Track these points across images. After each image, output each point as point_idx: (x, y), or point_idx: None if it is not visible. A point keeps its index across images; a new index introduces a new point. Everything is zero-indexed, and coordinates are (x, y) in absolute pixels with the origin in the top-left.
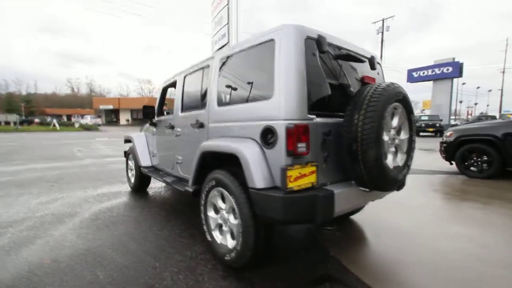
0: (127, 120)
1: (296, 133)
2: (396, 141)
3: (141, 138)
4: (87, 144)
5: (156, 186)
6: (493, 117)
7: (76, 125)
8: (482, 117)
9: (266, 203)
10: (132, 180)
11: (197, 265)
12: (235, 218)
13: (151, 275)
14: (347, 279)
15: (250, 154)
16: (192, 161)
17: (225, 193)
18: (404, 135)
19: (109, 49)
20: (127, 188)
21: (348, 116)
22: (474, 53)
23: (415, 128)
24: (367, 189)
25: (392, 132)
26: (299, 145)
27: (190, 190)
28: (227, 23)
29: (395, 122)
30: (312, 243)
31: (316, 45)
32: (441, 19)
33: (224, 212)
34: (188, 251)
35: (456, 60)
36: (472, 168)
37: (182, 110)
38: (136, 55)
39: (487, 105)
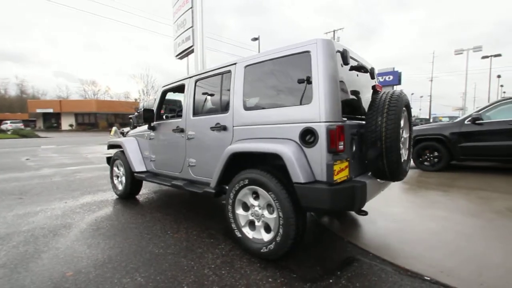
0: (71, 125)
1: (337, 133)
2: (402, 139)
3: (132, 142)
4: (34, 153)
5: (142, 192)
6: (427, 120)
7: (9, 132)
8: (416, 120)
9: (313, 195)
10: (120, 187)
11: (232, 261)
12: (270, 213)
13: (194, 274)
14: (369, 258)
15: (293, 153)
16: (212, 162)
17: (260, 190)
18: (406, 134)
19: (44, 46)
20: (112, 196)
21: (371, 119)
22: (409, 63)
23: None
24: (382, 180)
25: (400, 131)
26: (339, 143)
27: (212, 191)
28: (192, 26)
29: (402, 123)
30: (325, 232)
31: (341, 57)
32: (382, 33)
33: (256, 208)
34: (216, 249)
35: (395, 69)
36: (425, 163)
37: (194, 114)
38: (77, 54)
39: (420, 109)
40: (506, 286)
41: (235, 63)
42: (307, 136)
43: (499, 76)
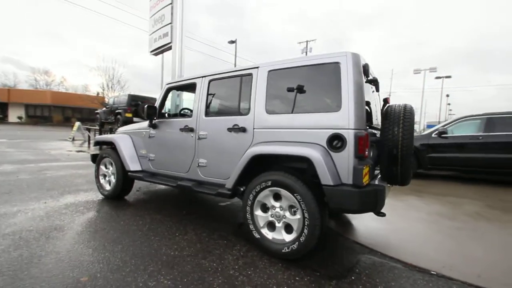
0: (20, 118)
1: (365, 140)
2: None
3: (125, 140)
4: None
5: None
6: None
7: None
8: None
9: (343, 197)
10: (108, 187)
11: (254, 261)
12: (292, 214)
13: (222, 275)
14: (378, 256)
15: (322, 157)
16: (226, 163)
17: (283, 192)
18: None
19: None
20: (97, 196)
21: (388, 129)
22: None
23: None
24: (390, 185)
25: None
26: (366, 149)
27: (228, 192)
28: (171, 23)
29: None
30: (329, 232)
31: (363, 70)
32: (349, 47)
33: (278, 209)
34: (233, 250)
35: None
36: None
37: (207, 114)
38: (29, 40)
39: None
40: (498, 276)
41: (257, 67)
42: (335, 142)
43: (447, 95)
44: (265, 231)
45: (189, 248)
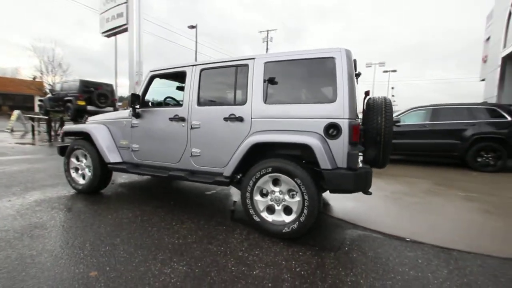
0: None
1: (358, 128)
2: None
3: (102, 130)
4: None
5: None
6: None
7: None
8: None
9: (340, 179)
10: (81, 181)
11: (257, 243)
12: (291, 197)
13: (232, 257)
14: (362, 230)
15: (321, 144)
16: (222, 152)
17: (283, 177)
18: None
19: None
20: (69, 191)
21: (372, 118)
22: None
23: None
24: (371, 168)
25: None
26: (358, 137)
27: (226, 180)
28: (126, 2)
29: None
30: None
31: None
32: (306, 39)
33: (277, 194)
34: (234, 234)
35: None
36: None
37: (200, 103)
38: None
39: None
40: (458, 239)
41: (253, 58)
42: (330, 130)
43: (393, 88)
44: (265, 215)
45: (191, 236)
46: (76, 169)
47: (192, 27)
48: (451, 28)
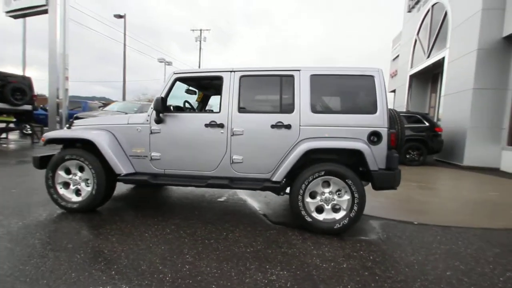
0: None
1: (394, 135)
2: None
3: (106, 137)
4: None
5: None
6: None
7: None
8: None
9: (385, 178)
10: (75, 197)
11: (318, 240)
12: (340, 196)
13: (313, 256)
14: (374, 218)
15: (369, 149)
16: (268, 158)
17: (334, 179)
18: None
19: None
20: (54, 211)
21: (392, 126)
22: None
23: None
24: None
25: None
26: (395, 142)
27: (276, 185)
28: None
29: None
30: None
31: None
32: (236, 42)
33: (327, 194)
34: (293, 236)
35: None
36: None
37: (240, 110)
38: None
39: None
40: (458, 219)
41: (298, 70)
42: (372, 137)
43: None
44: (315, 215)
45: (255, 242)
46: (66, 184)
47: (120, 16)
48: (359, 47)
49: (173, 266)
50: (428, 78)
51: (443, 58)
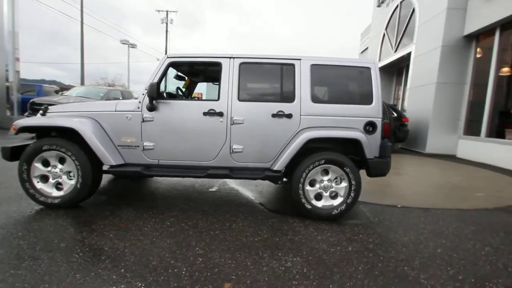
0: None
1: (388, 125)
2: None
3: (91, 126)
4: None
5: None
6: None
7: None
8: None
9: (380, 166)
10: (55, 192)
11: (318, 226)
12: (338, 183)
13: (319, 242)
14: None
15: (366, 139)
16: (269, 147)
17: (333, 167)
18: None
19: None
20: (31, 206)
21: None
22: None
23: None
24: None
25: None
26: (388, 132)
27: (277, 174)
28: None
29: None
30: None
31: None
32: (204, 26)
33: (326, 182)
34: (294, 224)
35: None
36: None
37: (240, 98)
38: None
39: None
40: (436, 201)
41: (299, 59)
42: (367, 127)
43: None
44: (315, 202)
45: (261, 231)
46: (44, 178)
47: None
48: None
49: (185, 260)
50: (394, 71)
51: (410, 53)
